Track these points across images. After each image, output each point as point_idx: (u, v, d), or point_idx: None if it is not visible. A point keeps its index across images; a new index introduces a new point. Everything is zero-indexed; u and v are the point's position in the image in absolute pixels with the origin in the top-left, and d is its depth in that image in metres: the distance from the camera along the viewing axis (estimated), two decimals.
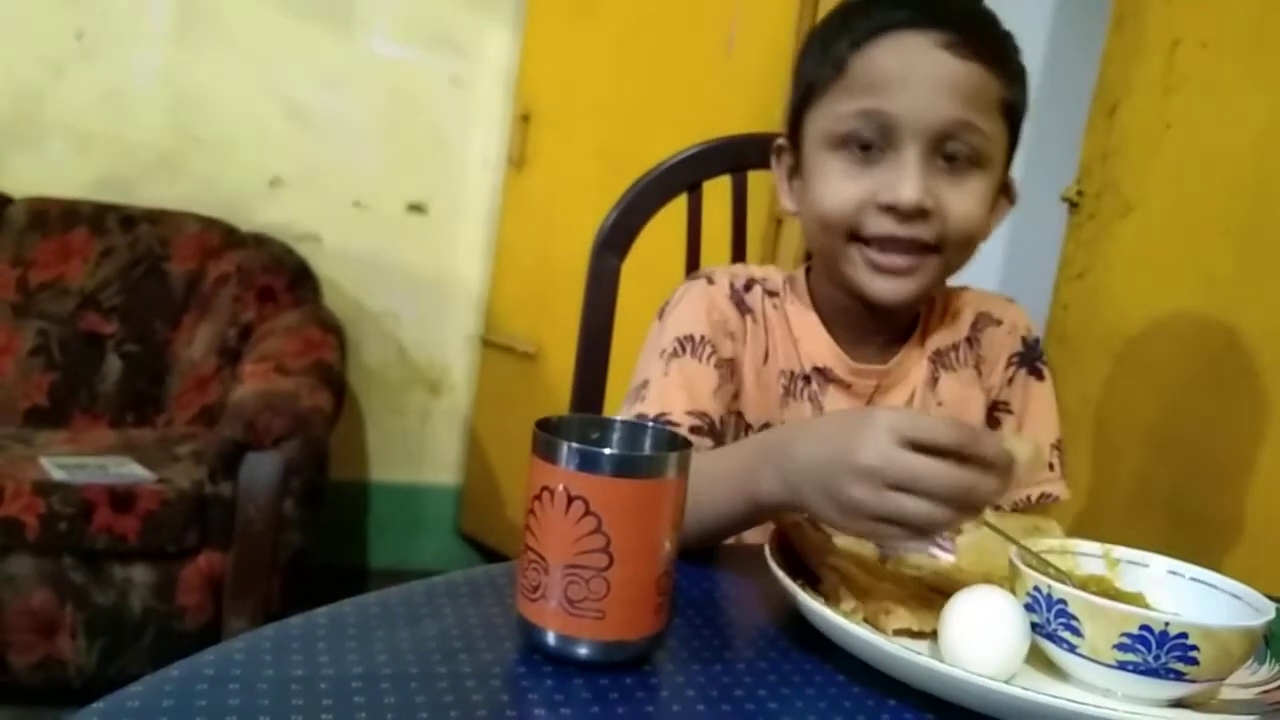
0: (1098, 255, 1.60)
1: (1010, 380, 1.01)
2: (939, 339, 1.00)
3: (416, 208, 2.72)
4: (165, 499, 1.88)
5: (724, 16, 2.16)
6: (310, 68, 2.58)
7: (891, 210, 0.86)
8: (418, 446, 2.81)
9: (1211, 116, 1.47)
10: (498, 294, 2.72)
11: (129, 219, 2.40)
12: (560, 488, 0.58)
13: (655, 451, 0.64)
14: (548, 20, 2.58)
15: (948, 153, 0.87)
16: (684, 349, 0.92)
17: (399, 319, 2.74)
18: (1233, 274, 1.43)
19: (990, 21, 0.91)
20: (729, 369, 0.94)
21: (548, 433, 0.59)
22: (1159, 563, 0.70)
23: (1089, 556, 0.71)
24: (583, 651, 0.59)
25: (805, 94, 0.93)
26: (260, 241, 2.46)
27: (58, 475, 1.89)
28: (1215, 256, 1.45)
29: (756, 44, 2.10)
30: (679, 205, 1.17)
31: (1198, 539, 1.42)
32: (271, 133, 2.58)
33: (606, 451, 0.59)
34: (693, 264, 1.23)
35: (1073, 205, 1.63)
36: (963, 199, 0.87)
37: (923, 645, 0.63)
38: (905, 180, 0.85)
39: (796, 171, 0.95)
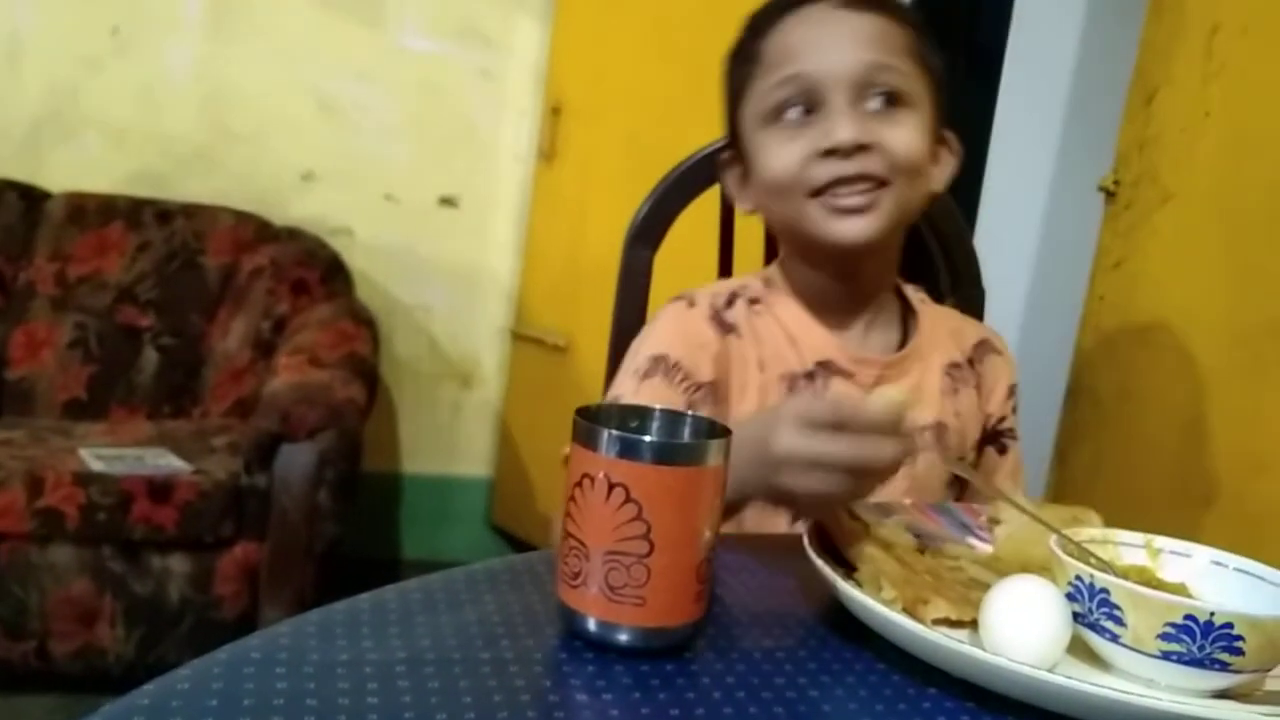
0: (1135, 245, 1.58)
1: (1010, 412, 1.07)
2: (946, 352, 1.02)
3: (447, 201, 2.73)
4: (202, 490, 1.91)
5: (754, 6, 2.15)
6: (341, 62, 2.60)
7: (833, 153, 0.89)
8: (449, 438, 2.82)
9: (1252, 104, 1.45)
10: (528, 287, 2.73)
11: (164, 213, 2.43)
12: (601, 475, 0.58)
13: (695, 439, 0.65)
14: (577, 12, 2.58)
15: (873, 96, 0.91)
16: (656, 369, 0.94)
17: (430, 312, 2.76)
18: (1274, 263, 1.41)
19: None
20: (709, 391, 0.95)
21: (588, 420, 0.59)
22: (1202, 553, 0.69)
23: (1130, 546, 0.70)
24: (623, 637, 0.59)
25: (734, 97, 0.98)
26: (293, 235, 2.49)
27: (96, 466, 1.91)
28: (1256, 246, 1.43)
29: None
30: (712, 196, 1.17)
31: (1237, 530, 1.41)
32: (303, 127, 2.60)
33: (647, 439, 0.59)
34: (725, 255, 1.23)
35: (1109, 195, 1.62)
36: (898, 131, 0.91)
37: (963, 634, 0.63)
38: (838, 122, 0.90)
39: (746, 175, 0.98)
